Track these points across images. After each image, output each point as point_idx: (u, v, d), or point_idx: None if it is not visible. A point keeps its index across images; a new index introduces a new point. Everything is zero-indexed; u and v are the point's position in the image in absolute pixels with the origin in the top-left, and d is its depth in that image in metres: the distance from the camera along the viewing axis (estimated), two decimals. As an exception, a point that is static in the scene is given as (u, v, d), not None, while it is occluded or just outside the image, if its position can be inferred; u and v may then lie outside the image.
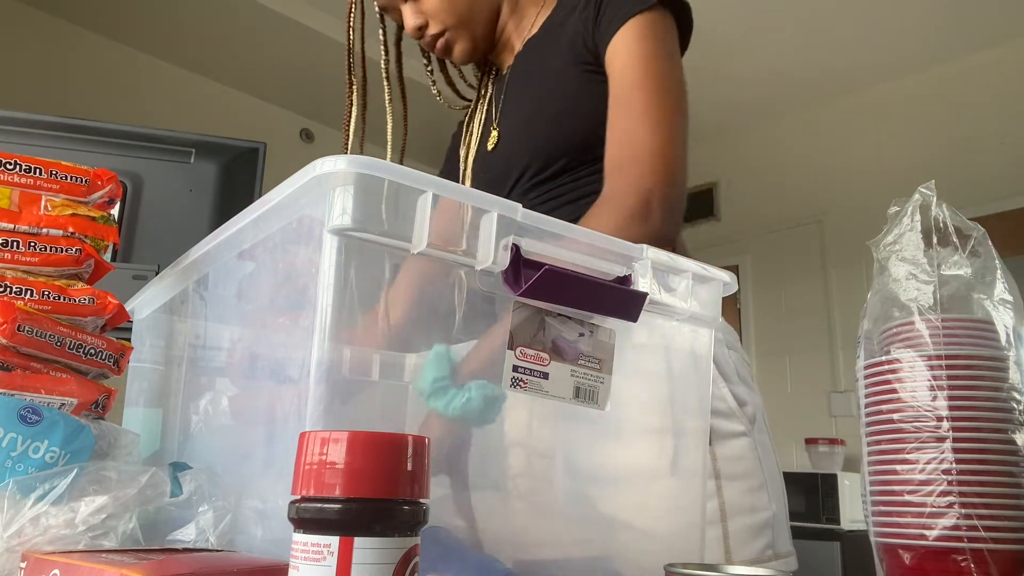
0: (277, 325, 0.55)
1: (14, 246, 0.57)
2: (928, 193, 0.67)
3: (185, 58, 3.45)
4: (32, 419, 0.49)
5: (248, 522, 0.51)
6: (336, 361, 0.46)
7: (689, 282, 0.61)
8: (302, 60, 3.46)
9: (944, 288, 0.65)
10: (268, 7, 3.17)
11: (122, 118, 1.87)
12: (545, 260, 0.52)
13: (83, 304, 0.58)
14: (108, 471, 0.49)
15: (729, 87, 3.62)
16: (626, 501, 0.61)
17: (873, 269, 0.70)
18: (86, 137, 1.42)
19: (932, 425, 0.61)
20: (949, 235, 0.66)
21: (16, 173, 0.59)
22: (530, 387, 0.52)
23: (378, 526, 0.31)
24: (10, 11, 3.04)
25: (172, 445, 0.69)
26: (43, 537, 0.45)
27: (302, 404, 0.46)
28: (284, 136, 3.74)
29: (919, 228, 0.67)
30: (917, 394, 0.62)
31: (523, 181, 1.01)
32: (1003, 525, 0.55)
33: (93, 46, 3.24)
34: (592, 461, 0.61)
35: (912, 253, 0.66)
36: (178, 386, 0.71)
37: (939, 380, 0.61)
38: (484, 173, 1.09)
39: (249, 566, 0.40)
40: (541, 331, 0.53)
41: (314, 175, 0.46)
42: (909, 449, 0.62)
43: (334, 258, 0.47)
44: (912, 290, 0.66)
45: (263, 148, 1.52)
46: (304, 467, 0.32)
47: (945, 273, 0.65)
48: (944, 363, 0.61)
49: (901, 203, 0.69)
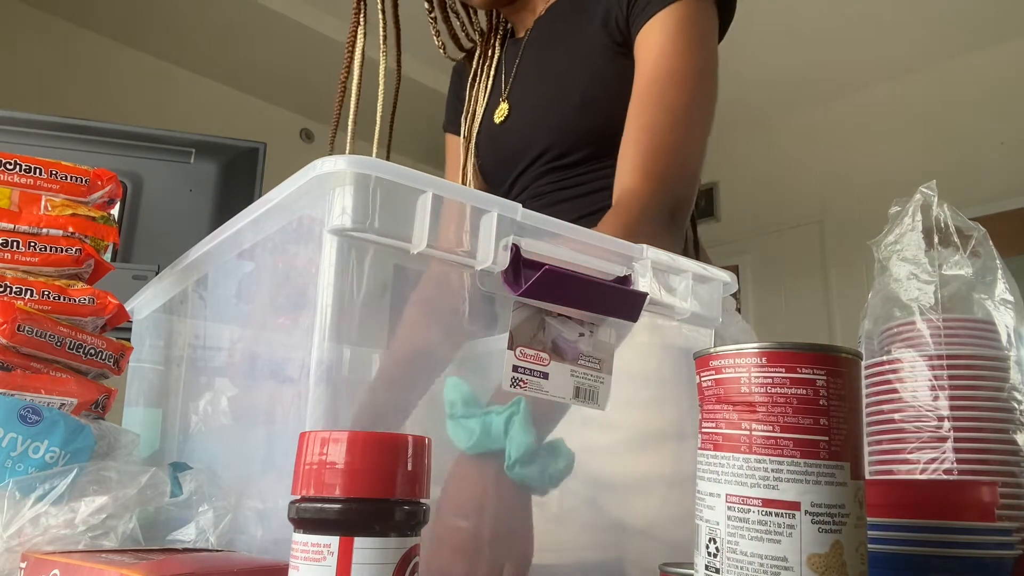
0: (277, 325, 0.55)
1: (14, 246, 0.57)
2: (929, 193, 0.67)
3: (185, 58, 3.45)
4: (32, 419, 0.49)
5: (248, 522, 0.51)
6: (336, 361, 0.46)
7: (689, 282, 0.61)
8: (302, 60, 3.46)
9: (945, 288, 0.65)
10: (268, 7, 3.17)
11: (122, 118, 1.87)
12: (545, 260, 0.52)
13: (83, 304, 0.58)
14: (108, 471, 0.49)
15: (729, 87, 3.61)
16: (634, 506, 0.61)
17: (874, 269, 0.70)
18: (86, 137, 1.42)
19: (933, 425, 0.61)
20: (950, 235, 0.66)
21: (16, 173, 0.59)
22: (530, 387, 0.52)
23: (378, 526, 0.31)
24: (10, 11, 3.04)
25: (172, 445, 0.69)
26: (43, 537, 0.45)
27: (302, 404, 0.46)
28: (284, 136, 3.74)
29: (920, 228, 0.67)
30: (918, 394, 0.62)
31: (539, 163, 0.97)
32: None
33: (93, 46, 3.24)
34: (599, 465, 0.61)
35: (913, 253, 0.66)
36: (178, 386, 0.71)
37: (940, 380, 0.61)
38: (491, 145, 1.04)
39: (249, 566, 0.40)
40: (541, 331, 0.53)
41: (314, 175, 0.46)
42: (910, 449, 0.62)
43: (334, 258, 0.47)
44: (913, 290, 0.66)
45: (263, 148, 1.52)
46: (304, 467, 0.32)
47: (946, 273, 0.65)
48: (945, 363, 0.61)
49: (902, 203, 0.69)
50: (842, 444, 0.35)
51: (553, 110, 0.97)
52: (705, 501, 0.37)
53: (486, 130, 1.05)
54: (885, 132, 3.66)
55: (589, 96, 0.93)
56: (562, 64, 0.97)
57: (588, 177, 0.95)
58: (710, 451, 0.37)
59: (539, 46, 1.02)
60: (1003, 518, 0.55)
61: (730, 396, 0.37)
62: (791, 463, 0.35)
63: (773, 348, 0.36)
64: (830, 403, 0.35)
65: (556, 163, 0.96)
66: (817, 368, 0.35)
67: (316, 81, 3.58)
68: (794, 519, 0.34)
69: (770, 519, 0.34)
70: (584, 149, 0.94)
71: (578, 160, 0.95)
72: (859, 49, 3.45)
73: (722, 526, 0.36)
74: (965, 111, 3.42)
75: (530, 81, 1.02)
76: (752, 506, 0.35)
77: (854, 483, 0.35)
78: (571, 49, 0.97)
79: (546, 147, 0.96)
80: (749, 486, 0.35)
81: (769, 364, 0.36)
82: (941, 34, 3.34)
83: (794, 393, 0.35)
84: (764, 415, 0.35)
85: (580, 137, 0.94)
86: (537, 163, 0.98)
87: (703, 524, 0.37)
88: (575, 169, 0.95)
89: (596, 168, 0.94)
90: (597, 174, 0.94)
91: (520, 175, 1.01)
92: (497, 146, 1.03)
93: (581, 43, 0.96)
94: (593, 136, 0.94)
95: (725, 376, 0.37)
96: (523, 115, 1.01)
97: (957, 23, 3.26)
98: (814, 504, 0.34)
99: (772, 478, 0.35)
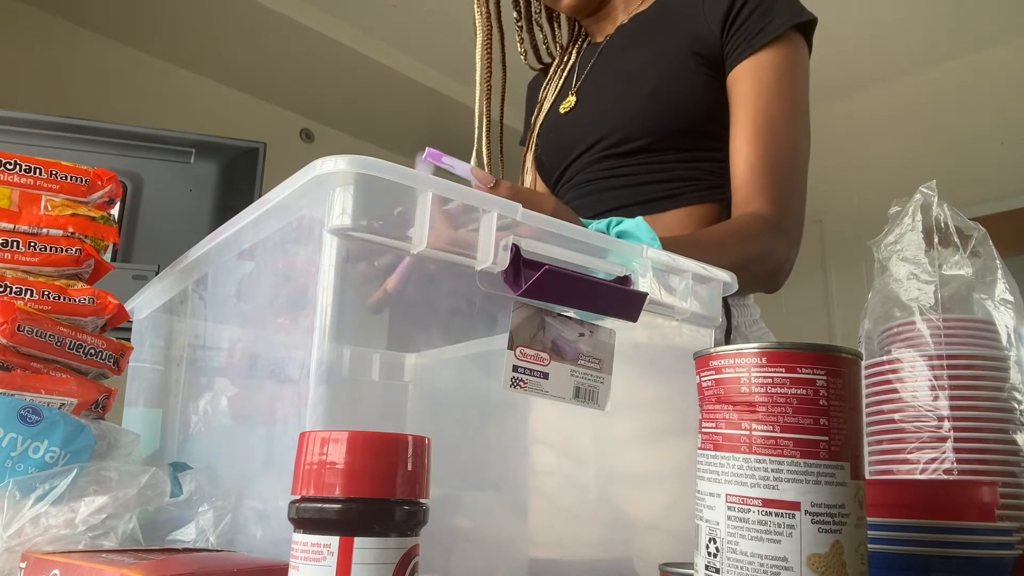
0: (277, 325, 0.55)
1: (14, 246, 0.57)
2: (929, 193, 0.67)
3: (185, 58, 3.45)
4: (32, 419, 0.49)
5: (248, 522, 0.51)
6: (336, 361, 0.46)
7: (689, 282, 0.61)
8: (302, 60, 3.46)
9: (945, 288, 0.65)
10: (268, 7, 3.17)
11: (122, 118, 1.87)
12: (545, 260, 0.52)
13: (83, 304, 0.58)
14: (108, 471, 0.49)
15: (729, 87, 3.62)
16: (643, 502, 0.61)
17: (874, 269, 0.70)
18: (86, 137, 1.42)
19: (933, 425, 0.61)
20: (950, 235, 0.66)
21: (16, 173, 0.59)
22: (530, 387, 0.52)
23: (378, 526, 0.31)
24: (10, 11, 3.04)
25: (172, 445, 0.69)
26: (43, 537, 0.45)
27: (302, 404, 0.46)
28: (284, 136, 3.73)
29: (920, 228, 0.67)
30: (918, 394, 0.62)
31: (596, 149, 0.98)
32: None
33: (93, 46, 3.24)
34: (607, 461, 0.61)
35: (913, 253, 0.66)
36: (178, 386, 0.71)
37: (940, 380, 0.61)
38: (552, 134, 1.05)
39: (249, 566, 0.40)
40: (541, 331, 0.53)
41: (314, 175, 0.46)
42: (910, 449, 0.62)
43: (334, 258, 0.47)
44: (913, 290, 0.66)
45: (263, 148, 1.52)
46: (304, 467, 0.32)
47: (946, 273, 0.65)
48: (945, 363, 0.61)
49: (902, 203, 0.69)
50: (842, 444, 0.35)
51: (621, 100, 0.98)
52: (705, 501, 0.37)
53: (550, 120, 1.07)
54: (885, 132, 3.66)
55: (655, 89, 0.95)
56: (638, 64, 0.99)
57: (643, 168, 0.96)
58: (710, 451, 0.37)
59: (617, 49, 1.04)
60: (1003, 518, 0.55)
61: (730, 396, 0.37)
62: (791, 463, 0.35)
63: (773, 348, 0.36)
64: (830, 403, 0.35)
65: (613, 150, 0.97)
66: (817, 368, 0.35)
67: (316, 81, 3.58)
68: (794, 519, 0.34)
69: (770, 519, 0.34)
70: (644, 139, 0.95)
71: (635, 149, 0.96)
72: (859, 49, 3.45)
73: (722, 526, 0.36)
74: (965, 111, 3.42)
75: (602, 77, 1.03)
76: (752, 506, 0.35)
77: (854, 483, 0.35)
78: (651, 53, 0.99)
79: (606, 133, 0.97)
80: (749, 486, 0.35)
81: (769, 364, 0.36)
82: (941, 34, 3.34)
83: (794, 393, 0.35)
84: (764, 415, 0.35)
85: (642, 125, 0.95)
86: (593, 149, 0.99)
87: (703, 524, 0.37)
88: (631, 158, 0.96)
89: (652, 160, 0.95)
90: (653, 166, 0.95)
91: (574, 161, 1.01)
92: (557, 134, 1.04)
93: (663, 49, 0.97)
94: (656, 127, 0.95)
95: (725, 376, 0.37)
96: (589, 105, 1.02)
97: (957, 23, 3.26)
98: (814, 504, 0.34)
99: (772, 478, 0.35)
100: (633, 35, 1.03)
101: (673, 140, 0.94)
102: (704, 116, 0.94)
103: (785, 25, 0.91)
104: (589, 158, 0.99)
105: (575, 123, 1.03)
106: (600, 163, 0.98)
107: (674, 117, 0.94)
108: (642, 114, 0.95)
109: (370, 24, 3.33)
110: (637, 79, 0.97)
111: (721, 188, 0.95)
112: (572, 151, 1.01)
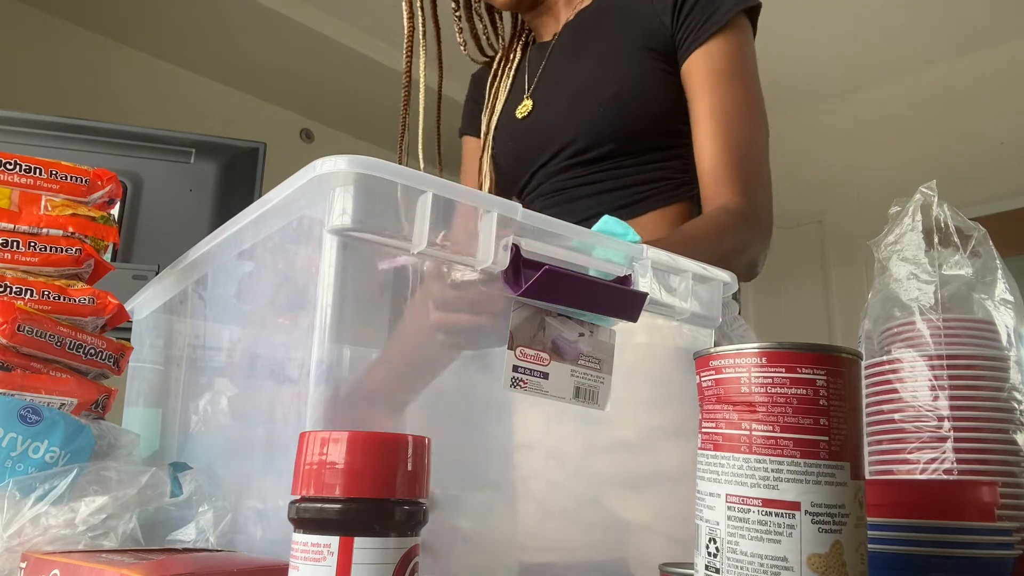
0: (277, 325, 0.55)
1: (14, 246, 0.57)
2: (929, 193, 0.67)
3: (185, 58, 3.45)
4: (32, 419, 0.49)
5: (248, 522, 0.51)
6: (336, 361, 0.46)
7: (689, 282, 0.61)
8: (302, 60, 3.46)
9: (945, 288, 0.65)
10: (268, 7, 3.17)
11: (122, 118, 1.87)
12: (545, 260, 0.52)
13: (83, 304, 0.58)
14: (108, 471, 0.49)
15: (729, 87, 3.62)
16: (635, 504, 0.61)
17: (874, 269, 0.70)
18: (86, 137, 1.42)
19: (933, 425, 0.61)
20: (950, 235, 0.66)
21: (16, 173, 0.59)
22: (530, 387, 0.52)
23: (378, 526, 0.31)
24: (10, 11, 3.04)
25: (172, 445, 0.69)
26: (43, 537, 0.45)
27: (302, 404, 0.46)
28: (284, 136, 3.73)
29: (920, 228, 0.67)
30: (918, 394, 0.62)
31: (560, 157, 0.97)
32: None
33: (93, 46, 3.24)
34: (602, 463, 0.61)
35: (913, 253, 0.66)
36: (178, 386, 0.71)
37: (940, 380, 0.61)
38: (512, 142, 1.03)
39: (249, 566, 0.40)
40: (541, 331, 0.53)
41: (314, 175, 0.46)
42: (910, 449, 0.62)
43: (334, 258, 0.47)
44: (913, 290, 0.66)
45: (263, 148, 1.52)
46: (304, 467, 0.32)
47: (946, 273, 0.65)
48: (945, 363, 0.61)
49: (902, 203, 0.69)
50: (842, 444, 0.35)
51: (582, 105, 0.97)
52: (705, 501, 0.37)
53: (505, 126, 1.05)
54: (885, 132, 3.66)
55: (621, 93, 0.94)
56: (594, 64, 0.98)
57: (611, 174, 0.95)
58: (710, 451, 0.37)
59: (569, 49, 1.02)
60: (1003, 518, 0.55)
61: (730, 396, 0.37)
62: (791, 463, 0.35)
63: (773, 348, 0.36)
64: (830, 403, 0.35)
65: (578, 158, 0.96)
66: (817, 368, 0.35)
67: (316, 81, 3.58)
68: (794, 519, 0.34)
69: (770, 519, 0.34)
70: (608, 145, 0.94)
71: (601, 156, 0.95)
72: (859, 49, 3.45)
73: (722, 526, 0.36)
74: (965, 111, 3.42)
75: (558, 80, 1.02)
76: (752, 506, 0.35)
77: (854, 483, 0.35)
78: (605, 51, 0.97)
79: (570, 141, 0.96)
80: (749, 486, 0.35)
81: (769, 364, 0.36)
82: (941, 34, 3.34)
83: (794, 393, 0.35)
84: (764, 415, 0.35)
85: (607, 132, 0.94)
86: (558, 158, 0.98)
87: (703, 524, 0.37)
88: (597, 164, 0.95)
89: (619, 164, 0.95)
90: (620, 171, 0.95)
91: (538, 170, 1.00)
92: (517, 142, 1.03)
93: (616, 47, 0.96)
94: (620, 133, 0.94)
95: (725, 376, 0.37)
96: (548, 111, 1.01)
97: (957, 23, 3.26)
98: (814, 504, 0.34)
99: (772, 478, 0.35)
100: (582, 33, 1.02)
101: (639, 142, 0.93)
102: (668, 114, 0.94)
103: (732, 11, 0.91)
104: (555, 167, 0.98)
105: (534, 130, 1.01)
106: (566, 172, 0.97)
107: (638, 120, 0.93)
108: (604, 122, 0.94)
109: (370, 24, 3.33)
110: (596, 82, 0.96)
111: (690, 185, 0.95)
112: (535, 160, 1.00)
